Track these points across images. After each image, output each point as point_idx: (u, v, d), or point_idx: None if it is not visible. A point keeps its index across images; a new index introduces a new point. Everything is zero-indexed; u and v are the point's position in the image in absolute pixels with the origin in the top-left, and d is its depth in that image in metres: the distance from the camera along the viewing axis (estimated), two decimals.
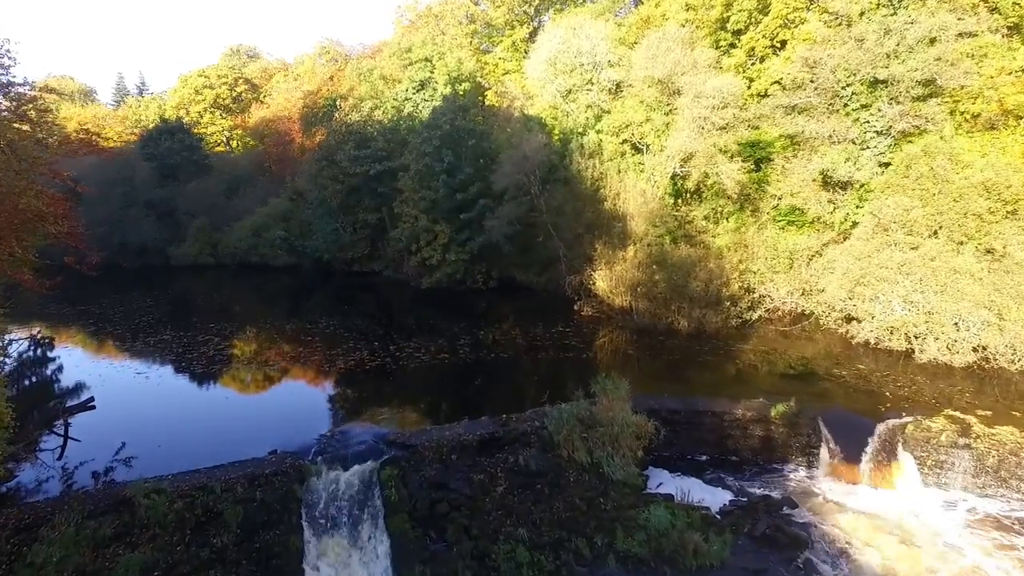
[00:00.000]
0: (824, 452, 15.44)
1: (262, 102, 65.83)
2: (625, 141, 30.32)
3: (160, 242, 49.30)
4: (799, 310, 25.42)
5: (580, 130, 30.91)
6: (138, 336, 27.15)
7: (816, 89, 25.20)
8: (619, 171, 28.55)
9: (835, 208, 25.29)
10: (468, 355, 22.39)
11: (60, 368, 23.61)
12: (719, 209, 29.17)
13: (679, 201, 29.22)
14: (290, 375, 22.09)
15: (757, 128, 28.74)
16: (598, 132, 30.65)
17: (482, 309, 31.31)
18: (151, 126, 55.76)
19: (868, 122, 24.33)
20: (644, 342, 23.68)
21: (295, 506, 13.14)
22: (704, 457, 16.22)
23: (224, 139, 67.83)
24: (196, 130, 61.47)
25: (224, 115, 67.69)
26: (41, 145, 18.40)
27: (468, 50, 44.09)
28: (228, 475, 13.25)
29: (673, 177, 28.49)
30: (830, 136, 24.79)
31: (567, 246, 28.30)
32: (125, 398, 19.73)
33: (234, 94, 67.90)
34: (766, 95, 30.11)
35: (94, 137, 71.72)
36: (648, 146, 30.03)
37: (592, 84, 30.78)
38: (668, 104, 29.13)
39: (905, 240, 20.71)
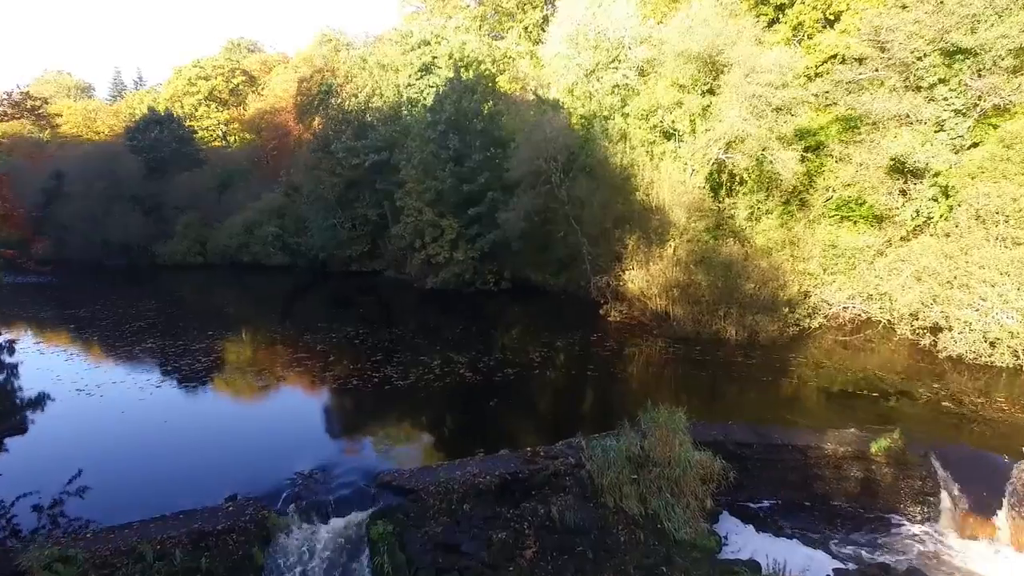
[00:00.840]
0: (945, 500, 11.94)
1: (259, 94, 62.67)
2: (655, 127, 26.90)
3: (145, 239, 46.00)
4: (863, 317, 21.97)
5: (605, 114, 27.48)
6: (109, 343, 23.47)
7: (886, 62, 21.73)
8: (652, 157, 25.10)
9: (906, 200, 21.79)
10: (478, 369, 18.71)
11: (11, 378, 20.09)
12: (761, 203, 25.74)
13: (719, 194, 25.77)
14: (271, 394, 18.20)
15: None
16: (624, 116, 27.21)
17: (493, 313, 27.88)
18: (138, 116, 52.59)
19: (946, 99, 20.87)
20: (686, 353, 20.16)
21: None
22: (782, 503, 12.71)
23: (220, 133, 64.76)
24: (190, 123, 58.33)
25: (220, 108, 64.58)
26: None
27: (476, 34, 40.79)
28: (166, 533, 9.80)
29: (713, 166, 25.04)
30: (903, 117, 21.29)
31: (591, 242, 24.84)
32: (74, 420, 16.01)
33: (231, 86, 64.79)
34: (815, 76, 26.80)
35: (86, 131, 68.97)
36: (679, 132, 26.63)
37: (619, 62, 27.37)
38: (707, 84, 25.75)
39: (1011, 234, 17.19)
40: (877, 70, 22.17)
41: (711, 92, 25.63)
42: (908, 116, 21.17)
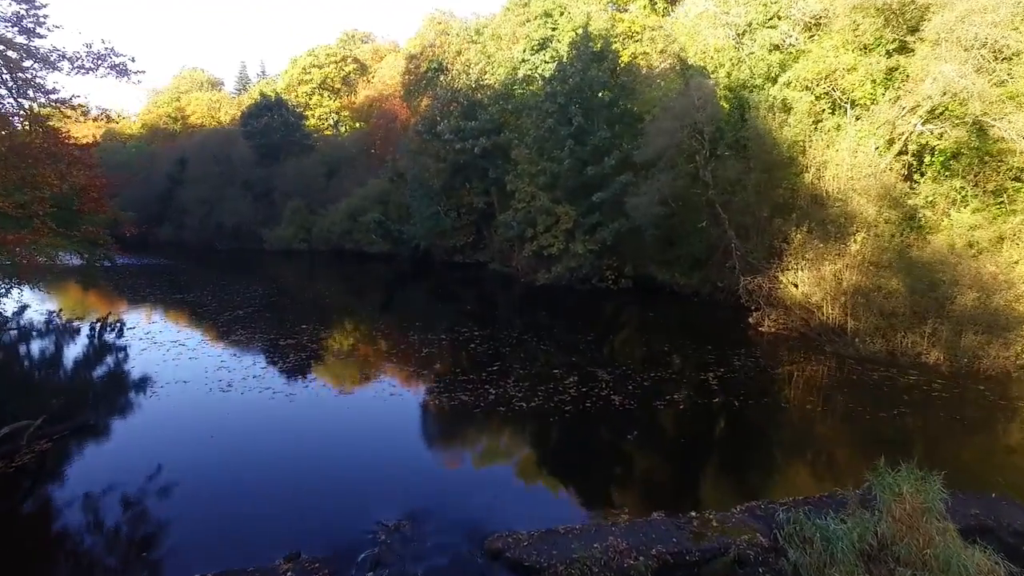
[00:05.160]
0: None
1: (369, 81, 62.30)
2: (822, 96, 22.02)
3: (255, 224, 46.23)
4: None
5: (758, 83, 22.90)
6: (210, 329, 21.95)
7: None
8: (824, 133, 20.31)
9: None
10: (628, 390, 14.60)
11: (117, 360, 18.47)
12: (967, 192, 20.25)
13: (911, 180, 20.53)
14: (359, 406, 14.48)
15: None
16: (785, 85, 22.48)
17: (615, 316, 24.13)
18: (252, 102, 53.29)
19: None
20: (871, 381, 15.41)
21: None
22: None
23: (332, 122, 65.13)
24: (304, 111, 58.77)
25: (332, 96, 64.87)
26: None
27: (599, 4, 36.97)
28: None
29: (904, 143, 19.90)
30: None
31: (740, 235, 20.48)
32: (150, 417, 13.84)
33: (342, 74, 64.88)
34: None
35: (210, 120, 71.89)
36: (854, 103, 21.64)
37: (779, 19, 22.69)
38: (894, 41, 20.66)
39: None
40: None
41: (902, 50, 20.54)
42: None
